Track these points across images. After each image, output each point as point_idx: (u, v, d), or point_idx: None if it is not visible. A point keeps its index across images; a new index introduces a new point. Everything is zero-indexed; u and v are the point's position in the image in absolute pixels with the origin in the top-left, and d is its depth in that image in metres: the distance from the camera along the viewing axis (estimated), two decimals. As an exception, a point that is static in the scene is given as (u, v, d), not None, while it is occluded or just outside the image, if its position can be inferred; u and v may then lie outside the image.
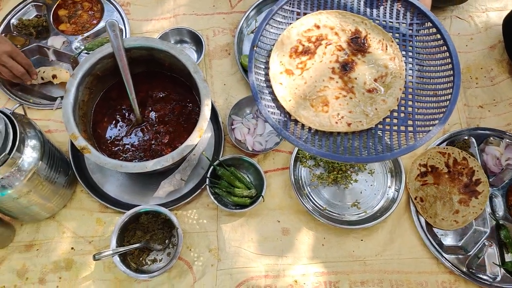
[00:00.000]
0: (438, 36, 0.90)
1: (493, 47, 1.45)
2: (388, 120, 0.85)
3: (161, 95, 1.30)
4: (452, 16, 1.48)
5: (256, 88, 0.83)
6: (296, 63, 0.88)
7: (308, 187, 1.28)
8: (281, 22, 0.93)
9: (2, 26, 1.45)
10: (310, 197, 1.27)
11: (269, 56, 0.89)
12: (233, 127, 1.33)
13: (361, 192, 1.27)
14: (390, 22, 0.94)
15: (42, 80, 1.39)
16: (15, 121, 1.04)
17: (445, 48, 0.88)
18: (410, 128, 0.84)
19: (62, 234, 1.25)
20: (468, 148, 1.28)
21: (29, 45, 1.42)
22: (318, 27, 0.91)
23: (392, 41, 0.91)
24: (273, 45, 0.90)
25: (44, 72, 1.39)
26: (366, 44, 0.90)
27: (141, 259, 1.20)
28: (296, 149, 1.28)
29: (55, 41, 1.42)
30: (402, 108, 0.86)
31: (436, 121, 0.82)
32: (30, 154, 1.07)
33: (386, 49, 0.90)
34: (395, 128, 0.84)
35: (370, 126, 0.83)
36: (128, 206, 1.25)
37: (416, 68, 0.89)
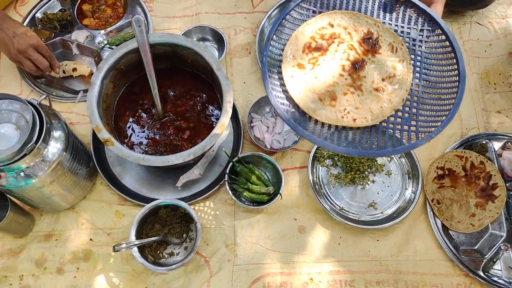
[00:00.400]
0: (447, 43, 0.91)
1: (512, 54, 1.47)
2: (392, 118, 0.87)
3: (182, 92, 1.32)
4: (471, 21, 1.49)
5: (268, 79, 0.86)
6: (308, 58, 0.91)
7: (325, 186, 1.29)
8: (297, 18, 0.95)
9: (28, 19, 1.48)
10: (327, 196, 1.28)
11: (282, 50, 0.91)
12: (252, 125, 1.34)
13: (378, 193, 1.28)
14: (401, 26, 0.96)
15: (63, 74, 1.42)
16: (42, 112, 1.06)
17: (453, 55, 0.90)
18: (413, 128, 0.87)
19: (81, 225, 1.26)
20: (485, 153, 1.29)
21: (53, 39, 1.44)
22: (332, 25, 0.94)
23: (402, 45, 0.93)
24: (288, 40, 0.92)
25: (66, 65, 1.41)
26: (377, 45, 0.93)
27: (158, 252, 1.22)
28: (314, 148, 1.30)
29: (79, 35, 1.45)
30: (407, 109, 0.89)
31: (439, 123, 0.85)
32: (55, 145, 1.09)
33: (396, 51, 0.93)
34: (399, 127, 0.88)
35: (375, 123, 0.86)
36: (146, 200, 1.27)
37: (423, 72, 0.92)
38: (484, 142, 1.30)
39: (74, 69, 1.41)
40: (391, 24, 0.96)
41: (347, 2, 0.97)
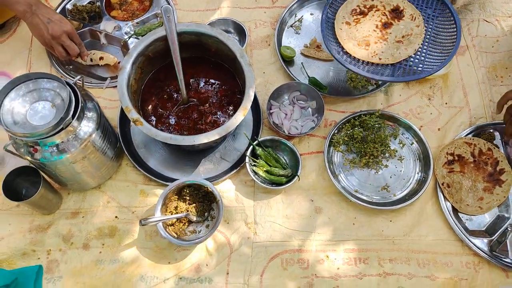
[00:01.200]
0: (452, 18, 1.30)
1: (518, 50, 1.55)
2: (405, 62, 1.28)
3: (205, 79, 1.40)
4: (480, 19, 1.58)
5: (324, 26, 1.30)
6: (353, 18, 1.34)
7: (341, 170, 1.36)
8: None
9: (58, 10, 1.56)
10: (343, 179, 1.34)
11: (335, 14, 1.34)
12: (271, 111, 1.41)
13: (390, 177, 1.35)
14: (422, 5, 1.36)
15: (90, 62, 1.49)
16: (77, 91, 1.13)
17: (454, 27, 1.29)
18: (420, 68, 1.26)
19: (106, 203, 1.32)
20: (492, 140, 1.35)
21: (83, 29, 1.52)
22: None
23: (419, 16, 1.33)
24: (339, 6, 1.36)
25: (93, 54, 1.49)
26: (402, 14, 1.34)
27: (181, 230, 1.27)
28: (331, 134, 1.36)
29: (107, 26, 1.52)
30: (418, 56, 1.29)
31: (436, 67, 1.23)
32: (87, 124, 1.15)
33: (415, 19, 1.33)
34: (410, 66, 1.27)
35: (392, 62, 1.27)
36: (170, 180, 1.33)
37: (432, 34, 1.32)
38: (491, 131, 1.37)
39: (101, 58, 1.48)
40: (414, 2, 1.36)
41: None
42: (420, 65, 1.26)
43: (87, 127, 1.15)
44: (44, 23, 1.34)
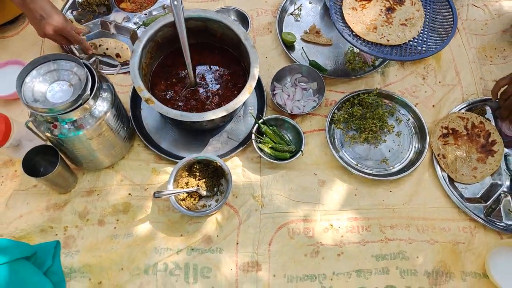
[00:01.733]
0: (447, 3, 1.42)
1: (506, 31, 1.64)
2: (410, 42, 1.39)
3: (211, 64, 1.47)
4: (469, 4, 1.68)
5: (333, 11, 1.41)
6: (359, 4, 1.44)
7: (342, 145, 1.43)
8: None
9: (69, 3, 1.64)
10: (344, 154, 1.42)
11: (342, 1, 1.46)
12: (274, 92, 1.49)
13: (389, 151, 1.42)
14: None
15: (104, 54, 1.56)
16: (93, 70, 1.20)
17: (450, 11, 1.42)
18: (424, 49, 1.37)
19: (120, 181, 1.39)
20: (484, 115, 1.44)
21: (93, 19, 1.60)
22: None
23: (418, 1, 1.45)
24: None
25: (107, 49, 1.56)
26: (403, 0, 1.45)
27: (192, 204, 1.34)
28: (331, 112, 1.44)
29: (117, 17, 1.61)
30: (420, 37, 1.41)
31: (439, 46, 1.34)
32: (102, 103, 1.21)
33: (414, 4, 1.44)
34: (414, 47, 1.38)
35: (399, 43, 1.38)
36: (180, 158, 1.40)
37: (431, 17, 1.44)
38: (482, 105, 1.45)
39: (118, 55, 1.55)
40: None
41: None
42: (424, 45, 1.37)
43: (101, 106, 1.22)
44: (38, 19, 1.32)
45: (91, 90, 1.17)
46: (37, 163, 1.32)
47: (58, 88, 1.17)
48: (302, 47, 1.59)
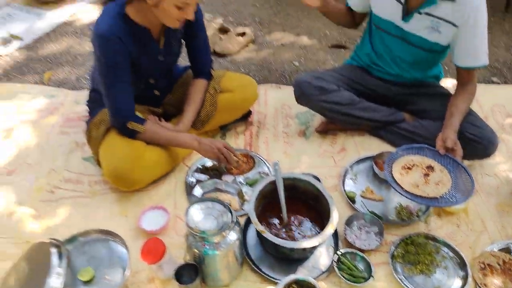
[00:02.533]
0: (466, 172, 2.04)
1: None
2: (443, 196, 1.85)
3: (298, 212, 2.04)
4: (482, 173, 2.28)
5: (389, 177, 1.93)
6: (404, 171, 1.95)
7: (402, 276, 1.86)
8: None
9: (193, 168, 2.34)
10: (403, 282, 1.83)
11: (391, 167, 1.95)
12: (345, 232, 2.00)
13: (441, 280, 1.83)
14: (445, 164, 1.96)
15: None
16: (232, 212, 1.76)
17: (469, 178, 2.20)
18: (454, 200, 1.83)
19: (232, 298, 1.80)
20: (510, 253, 1.88)
21: (209, 179, 2.27)
22: (412, 160, 1.93)
23: (444, 169, 1.94)
24: (393, 163, 1.99)
25: (217, 196, 2.18)
26: (433, 169, 1.96)
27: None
28: (393, 249, 1.92)
29: (227, 178, 2.27)
30: (450, 193, 1.87)
31: (461, 200, 1.83)
32: (233, 234, 1.75)
33: (442, 171, 1.95)
34: (445, 200, 1.85)
35: (435, 196, 1.85)
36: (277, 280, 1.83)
37: (455, 181, 1.94)
38: (506, 246, 1.91)
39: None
40: (439, 161, 1.98)
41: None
42: (453, 199, 1.82)
43: (232, 236, 1.74)
44: (209, 144, 2.13)
45: (231, 223, 1.72)
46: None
47: (207, 220, 1.71)
48: (362, 201, 2.17)
